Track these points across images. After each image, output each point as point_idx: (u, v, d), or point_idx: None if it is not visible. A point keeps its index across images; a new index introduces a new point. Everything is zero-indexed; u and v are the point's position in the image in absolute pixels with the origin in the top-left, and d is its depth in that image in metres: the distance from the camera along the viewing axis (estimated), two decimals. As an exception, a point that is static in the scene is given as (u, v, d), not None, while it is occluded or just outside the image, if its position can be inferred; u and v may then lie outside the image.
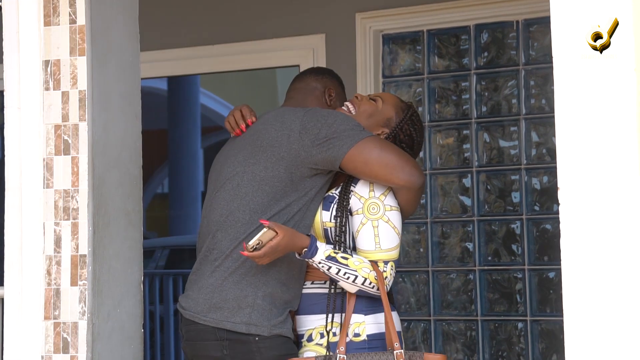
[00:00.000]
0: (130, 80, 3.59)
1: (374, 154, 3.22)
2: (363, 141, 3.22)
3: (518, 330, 5.34)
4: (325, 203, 3.29)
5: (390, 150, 3.24)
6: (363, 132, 3.26)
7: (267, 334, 3.18)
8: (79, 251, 3.40)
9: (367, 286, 3.20)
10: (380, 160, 3.21)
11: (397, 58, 5.58)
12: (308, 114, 3.29)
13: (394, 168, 3.22)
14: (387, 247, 3.23)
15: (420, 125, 3.46)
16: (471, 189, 5.43)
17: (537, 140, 5.35)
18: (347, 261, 3.19)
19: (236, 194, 3.26)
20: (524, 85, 5.35)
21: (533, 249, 5.30)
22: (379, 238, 3.22)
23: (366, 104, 3.43)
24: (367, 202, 3.25)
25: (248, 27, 5.81)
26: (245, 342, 3.18)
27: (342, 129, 3.24)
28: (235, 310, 3.19)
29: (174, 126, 12.04)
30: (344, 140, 3.22)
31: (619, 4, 2.53)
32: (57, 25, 3.46)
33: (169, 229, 12.31)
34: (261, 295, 3.20)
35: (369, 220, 3.24)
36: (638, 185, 2.51)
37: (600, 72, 2.55)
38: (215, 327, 3.20)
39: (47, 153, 3.45)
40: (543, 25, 5.27)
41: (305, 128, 3.25)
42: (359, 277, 3.18)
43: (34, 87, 3.47)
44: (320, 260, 3.17)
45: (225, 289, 3.21)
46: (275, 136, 3.27)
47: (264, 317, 3.19)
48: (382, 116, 3.42)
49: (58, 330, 3.41)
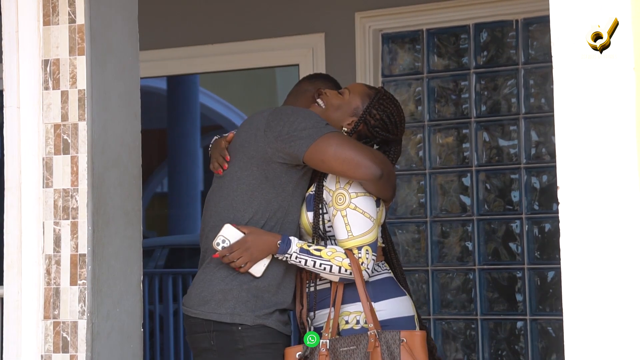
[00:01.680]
0: (130, 79, 3.59)
1: (330, 151, 3.29)
2: (321, 139, 3.29)
3: (518, 329, 5.34)
4: (308, 203, 3.38)
5: (347, 146, 3.29)
6: (323, 129, 3.32)
7: (250, 323, 3.29)
8: (78, 250, 3.40)
9: (344, 274, 3.29)
10: (337, 157, 3.29)
11: (397, 57, 5.58)
12: (273, 113, 3.38)
13: (350, 164, 3.29)
14: (359, 233, 3.30)
15: (394, 105, 3.50)
16: (471, 188, 5.43)
17: (536, 139, 5.35)
18: (320, 252, 3.28)
19: (221, 196, 3.38)
20: (523, 85, 5.35)
21: (532, 248, 5.30)
22: (350, 226, 3.31)
23: (334, 97, 3.49)
24: (334, 194, 3.34)
25: (247, 26, 5.81)
26: (229, 332, 3.30)
27: (302, 126, 3.31)
28: (221, 302, 3.31)
29: (174, 125, 12.04)
30: (303, 138, 3.30)
31: (618, 4, 2.53)
32: (57, 24, 3.46)
33: (168, 228, 12.31)
34: (246, 288, 3.31)
35: (338, 211, 3.32)
36: (637, 185, 2.51)
37: (600, 72, 2.55)
38: (204, 319, 3.32)
39: (46, 152, 3.45)
40: (542, 24, 5.27)
41: (269, 126, 3.34)
42: (333, 266, 3.28)
43: (33, 86, 3.47)
44: (295, 253, 3.28)
45: (213, 284, 3.33)
46: (245, 137, 3.38)
47: (248, 308, 3.30)
48: (350, 106, 3.47)
49: (57, 330, 3.41)
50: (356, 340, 3.27)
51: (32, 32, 3.48)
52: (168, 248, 9.48)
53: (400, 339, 3.27)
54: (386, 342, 3.26)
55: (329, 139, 3.30)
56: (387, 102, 3.50)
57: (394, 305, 3.36)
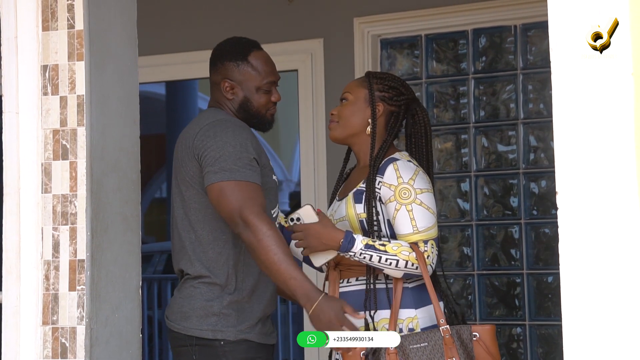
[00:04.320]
0: (129, 85, 3.59)
1: (214, 202, 3.29)
2: (216, 184, 3.27)
3: (517, 334, 5.34)
4: (357, 196, 3.39)
5: (226, 201, 3.25)
6: (220, 174, 3.27)
7: (232, 338, 3.31)
8: (77, 256, 3.40)
9: (410, 268, 3.29)
10: (219, 209, 3.29)
11: (395, 63, 5.58)
12: (199, 134, 3.35)
13: (227, 219, 3.28)
14: (425, 227, 3.33)
15: (386, 73, 3.56)
16: (469, 194, 5.43)
17: (535, 144, 5.35)
18: (385, 247, 3.28)
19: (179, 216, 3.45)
20: (522, 90, 5.35)
21: (531, 254, 5.30)
22: (415, 220, 3.32)
23: (344, 109, 3.50)
24: (397, 188, 3.34)
25: (246, 32, 5.79)
26: (212, 347, 3.31)
27: (211, 162, 3.29)
28: (202, 317, 3.33)
29: (172, 131, 12.03)
30: (208, 175, 3.29)
31: (618, 4, 2.53)
32: (56, 30, 3.45)
33: (167, 233, 12.30)
34: (226, 304, 3.32)
35: (402, 206, 3.33)
36: (636, 189, 2.51)
37: (599, 72, 2.54)
38: (186, 335, 3.34)
39: (45, 158, 3.45)
40: (541, 29, 5.28)
41: (195, 146, 3.34)
42: (400, 260, 3.28)
43: (32, 91, 3.47)
44: (360, 250, 3.27)
45: (194, 299, 3.35)
46: (182, 155, 3.40)
47: (229, 323, 3.32)
48: (359, 101, 3.49)
49: (56, 336, 3.40)
50: (426, 336, 3.23)
51: (31, 38, 3.47)
52: (167, 253, 9.48)
53: (472, 334, 3.25)
54: (459, 337, 3.24)
55: (219, 189, 3.27)
56: (380, 74, 3.55)
57: (432, 313, 3.34)
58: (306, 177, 5.72)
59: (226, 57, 3.49)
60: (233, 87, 3.47)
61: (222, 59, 3.50)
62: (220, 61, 3.50)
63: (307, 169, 5.71)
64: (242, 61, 3.48)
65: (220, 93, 3.49)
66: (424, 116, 3.51)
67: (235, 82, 3.47)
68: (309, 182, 5.69)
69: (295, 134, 10.20)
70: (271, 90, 3.50)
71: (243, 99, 3.47)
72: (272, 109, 3.51)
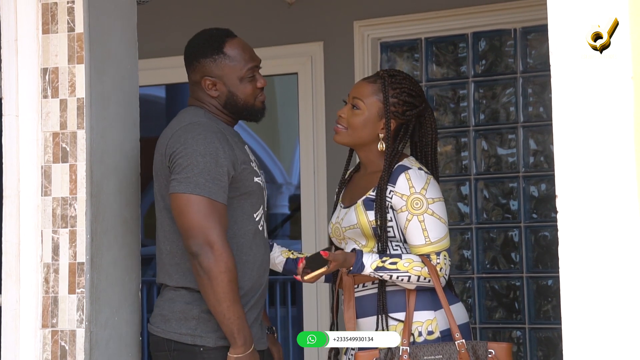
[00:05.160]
0: (129, 87, 3.59)
1: (175, 211, 3.22)
2: (181, 195, 3.19)
3: (516, 338, 5.33)
4: (368, 203, 3.36)
5: (190, 217, 3.17)
6: (185, 184, 3.19)
7: (212, 345, 3.24)
8: (76, 259, 3.39)
9: (423, 282, 3.28)
10: (178, 221, 3.21)
11: (395, 66, 5.58)
12: (172, 139, 3.27)
13: (184, 233, 3.19)
14: (437, 238, 3.31)
15: (404, 80, 3.41)
16: (469, 197, 5.43)
17: (534, 147, 5.35)
18: (396, 265, 3.28)
19: (158, 226, 3.39)
20: (521, 93, 5.35)
21: (531, 257, 5.30)
22: (427, 231, 3.30)
23: (354, 118, 3.42)
24: (409, 198, 3.32)
25: (246, 35, 5.78)
26: (191, 353, 3.24)
27: (178, 170, 3.21)
28: (181, 321, 3.27)
29: (172, 134, 12.04)
30: (173, 182, 3.22)
31: (618, 4, 2.53)
32: (56, 33, 3.45)
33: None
34: (206, 309, 3.24)
35: (414, 216, 3.31)
36: (637, 192, 2.51)
37: (599, 72, 2.54)
38: (164, 338, 3.28)
39: (45, 161, 3.45)
40: (540, 33, 5.28)
41: (167, 154, 3.26)
42: (412, 277, 3.27)
43: (32, 94, 3.47)
44: (370, 272, 3.28)
45: (175, 302, 3.29)
46: (157, 160, 3.33)
47: (209, 328, 3.24)
48: (372, 114, 3.41)
49: (56, 339, 3.40)
50: (442, 349, 3.22)
51: (31, 41, 3.47)
52: (166, 256, 9.46)
53: (487, 351, 3.23)
54: (474, 352, 3.22)
55: (180, 201, 3.19)
56: (396, 83, 3.41)
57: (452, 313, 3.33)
58: (306, 180, 5.72)
59: (201, 53, 3.38)
60: (215, 83, 3.35)
61: (197, 57, 3.38)
62: (196, 59, 3.38)
63: (307, 172, 5.71)
64: (218, 55, 3.36)
65: (203, 91, 3.36)
66: (432, 122, 3.45)
67: (215, 77, 3.35)
68: (309, 185, 5.69)
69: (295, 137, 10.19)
70: (254, 76, 3.38)
71: (228, 94, 3.35)
72: (260, 95, 3.39)
